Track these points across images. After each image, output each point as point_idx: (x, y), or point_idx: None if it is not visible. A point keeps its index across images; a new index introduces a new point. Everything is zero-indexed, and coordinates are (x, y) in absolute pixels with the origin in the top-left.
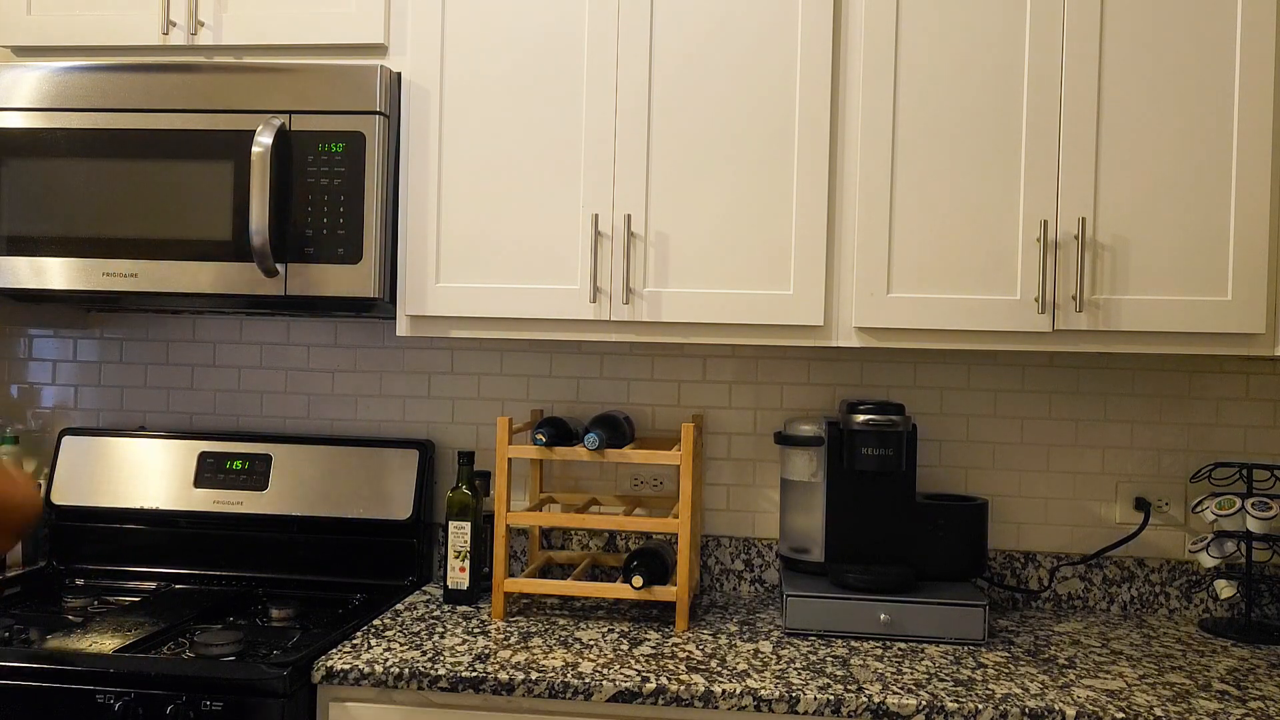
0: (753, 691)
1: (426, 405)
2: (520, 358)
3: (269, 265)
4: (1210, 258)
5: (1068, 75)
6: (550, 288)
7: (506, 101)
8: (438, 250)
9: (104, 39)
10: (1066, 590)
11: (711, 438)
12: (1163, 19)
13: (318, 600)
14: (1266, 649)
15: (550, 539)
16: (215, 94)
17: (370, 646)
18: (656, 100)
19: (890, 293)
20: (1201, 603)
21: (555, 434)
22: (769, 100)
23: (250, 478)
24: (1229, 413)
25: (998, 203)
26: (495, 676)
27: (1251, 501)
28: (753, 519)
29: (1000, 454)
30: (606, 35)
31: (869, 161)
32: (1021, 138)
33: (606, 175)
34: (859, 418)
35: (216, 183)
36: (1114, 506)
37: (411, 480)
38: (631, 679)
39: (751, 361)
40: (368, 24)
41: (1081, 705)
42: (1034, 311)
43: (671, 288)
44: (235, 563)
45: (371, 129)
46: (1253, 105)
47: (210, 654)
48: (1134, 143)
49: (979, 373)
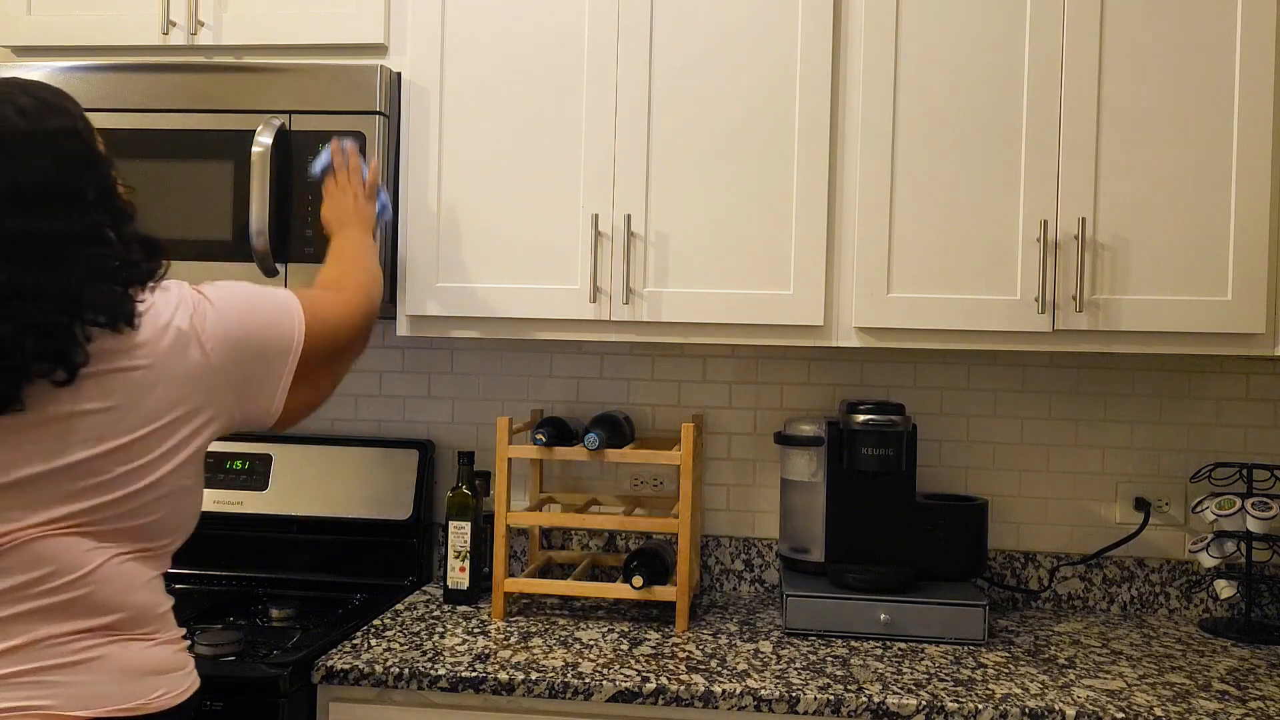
0: (753, 691)
1: (426, 405)
2: (520, 358)
3: (269, 265)
4: (1210, 258)
5: (1068, 75)
6: (550, 287)
7: (506, 101)
8: (438, 250)
9: (104, 39)
10: (1066, 590)
11: (711, 438)
12: (1163, 19)
13: (318, 600)
14: (1266, 649)
15: (550, 539)
16: (215, 94)
17: (370, 646)
18: (657, 100)
19: (890, 293)
20: (1201, 603)
21: (555, 434)
22: (769, 100)
23: (250, 477)
24: (1229, 413)
25: (998, 203)
26: (495, 676)
27: (1251, 501)
28: (753, 519)
29: (1000, 454)
30: (606, 35)
31: (869, 161)
32: (1021, 138)
33: (606, 175)
34: (859, 418)
35: (217, 183)
36: (1114, 506)
37: (411, 480)
38: (631, 679)
39: (751, 361)
40: (368, 24)
41: (1081, 705)
42: (1034, 311)
43: (671, 288)
44: (235, 563)
45: (371, 129)
46: (1253, 105)
47: (210, 654)
48: (1134, 143)
49: (979, 373)
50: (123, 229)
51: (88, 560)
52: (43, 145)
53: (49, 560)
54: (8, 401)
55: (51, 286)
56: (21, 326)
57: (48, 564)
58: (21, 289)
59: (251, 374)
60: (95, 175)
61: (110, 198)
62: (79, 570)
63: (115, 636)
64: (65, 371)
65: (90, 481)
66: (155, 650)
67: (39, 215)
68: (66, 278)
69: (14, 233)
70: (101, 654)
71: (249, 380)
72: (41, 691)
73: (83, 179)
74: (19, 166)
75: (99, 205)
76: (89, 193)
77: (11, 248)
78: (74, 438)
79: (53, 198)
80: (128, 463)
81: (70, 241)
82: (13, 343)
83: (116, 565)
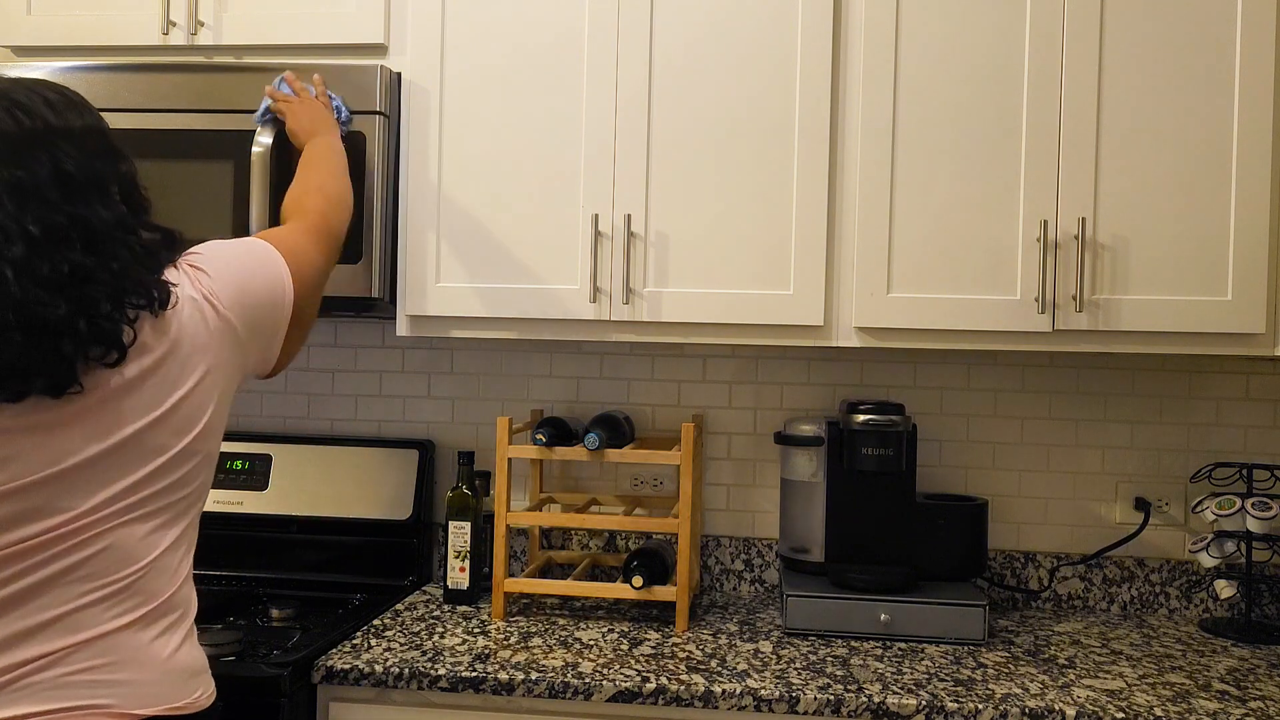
0: (753, 691)
1: (426, 405)
2: (520, 358)
3: None
4: (1210, 258)
5: (1068, 75)
6: (550, 287)
7: (506, 101)
8: (438, 250)
9: (104, 39)
10: (1066, 590)
11: (711, 438)
12: (1163, 19)
13: (318, 600)
14: (1266, 649)
15: (550, 539)
16: (215, 94)
17: (370, 646)
18: (656, 100)
19: (890, 293)
20: (1201, 603)
21: (555, 434)
22: (769, 99)
23: (250, 477)
24: (1229, 413)
25: (998, 202)
26: (495, 676)
27: (1251, 501)
28: (753, 519)
29: (1000, 454)
30: (606, 35)
31: (869, 161)
32: (1021, 137)
33: (606, 175)
34: (859, 418)
35: (217, 183)
36: (1114, 506)
37: (411, 480)
38: (631, 679)
39: (751, 361)
40: (368, 24)
41: (1081, 705)
42: (1034, 311)
43: (671, 287)
44: (235, 562)
45: (371, 129)
46: (1253, 105)
47: (210, 654)
48: (1134, 143)
49: (979, 373)
50: (145, 220)
51: (145, 550)
52: (75, 137)
53: (112, 550)
54: (68, 384)
55: (99, 270)
56: (74, 310)
57: (111, 554)
58: (73, 273)
59: (258, 331)
60: (121, 168)
61: (133, 190)
62: (140, 560)
63: (166, 629)
64: (117, 353)
65: (138, 454)
66: (196, 650)
67: (82, 203)
68: (110, 261)
69: (63, 220)
70: (156, 652)
71: (255, 337)
72: (103, 691)
73: (110, 171)
74: (60, 156)
75: (124, 197)
76: (116, 184)
77: (61, 233)
78: (123, 416)
79: (89, 187)
80: (171, 431)
81: (110, 228)
82: (69, 326)
83: (168, 555)
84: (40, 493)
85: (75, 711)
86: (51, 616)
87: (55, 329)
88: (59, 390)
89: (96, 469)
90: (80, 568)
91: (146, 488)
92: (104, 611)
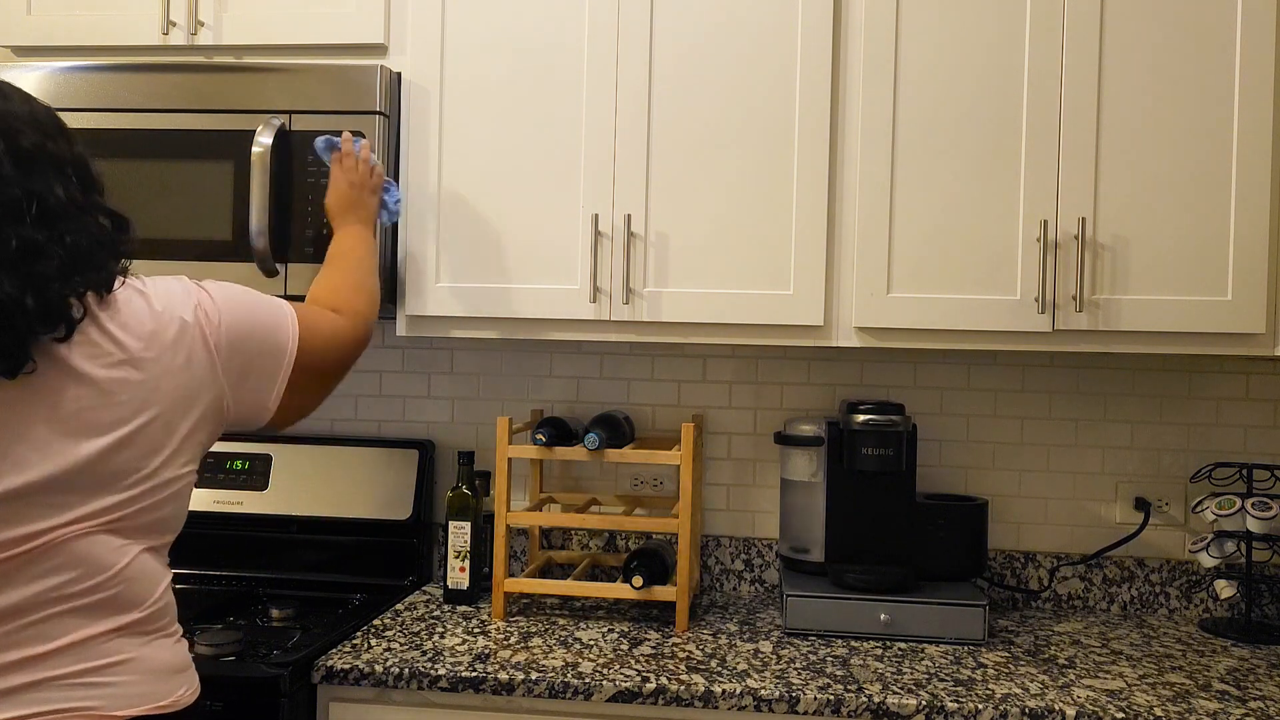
0: (753, 691)
1: (426, 405)
2: (520, 358)
3: (269, 266)
4: (1210, 258)
5: (1068, 75)
6: (550, 287)
7: (506, 101)
8: (437, 250)
9: (104, 39)
10: (1066, 590)
11: (711, 438)
12: (1163, 19)
13: (318, 600)
14: (1266, 649)
15: (550, 539)
16: (215, 94)
17: (370, 646)
18: (656, 100)
19: (890, 293)
20: (1201, 603)
21: (555, 434)
22: (769, 100)
23: (250, 477)
24: (1229, 413)
25: (998, 202)
26: (495, 676)
27: (1251, 501)
28: (753, 519)
29: (1000, 454)
30: (606, 35)
31: (869, 161)
32: (1021, 138)
33: (606, 175)
34: (859, 418)
35: (216, 183)
36: (1114, 506)
37: (411, 480)
38: (631, 679)
39: (751, 361)
40: (368, 24)
41: (1081, 705)
42: (1034, 311)
43: (671, 288)
44: (235, 562)
45: (371, 129)
46: (1253, 105)
47: (210, 654)
48: (1134, 143)
49: (979, 373)
50: (94, 199)
51: (117, 558)
52: (29, 119)
53: (82, 560)
54: (21, 360)
55: (51, 245)
56: (22, 286)
57: (81, 564)
58: (21, 249)
59: (250, 370)
60: (71, 148)
61: (84, 169)
62: (111, 569)
63: (146, 634)
64: (65, 327)
65: (107, 473)
66: (178, 647)
67: (39, 178)
68: (64, 236)
69: (18, 193)
70: (137, 654)
71: (246, 376)
72: (88, 693)
73: (65, 152)
74: (15, 133)
75: (75, 175)
76: (70, 165)
77: (14, 207)
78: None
79: (46, 163)
80: (140, 452)
81: (64, 205)
82: (15, 303)
83: (141, 563)
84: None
85: (65, 714)
86: (28, 622)
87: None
88: (13, 372)
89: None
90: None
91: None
92: (81, 619)
